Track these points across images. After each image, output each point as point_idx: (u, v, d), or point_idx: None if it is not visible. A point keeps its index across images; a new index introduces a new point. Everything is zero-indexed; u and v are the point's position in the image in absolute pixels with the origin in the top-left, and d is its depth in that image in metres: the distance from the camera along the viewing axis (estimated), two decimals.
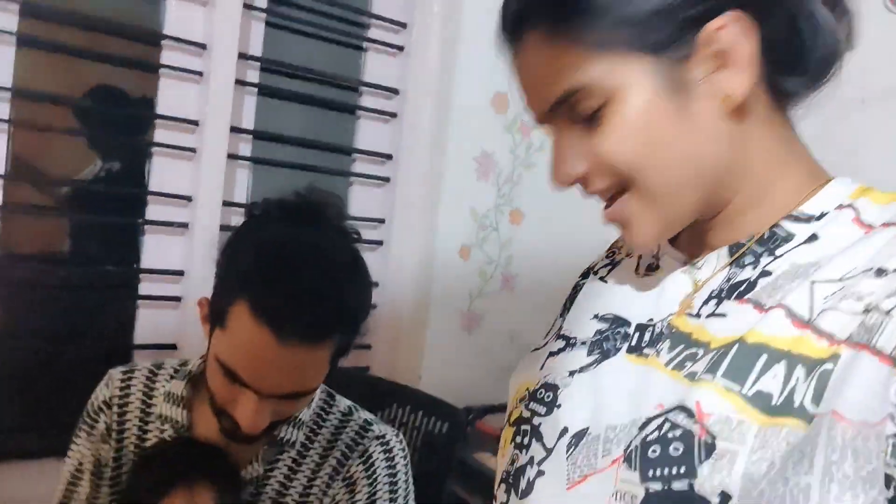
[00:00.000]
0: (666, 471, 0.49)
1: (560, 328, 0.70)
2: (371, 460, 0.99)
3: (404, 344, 1.81)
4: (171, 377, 1.02)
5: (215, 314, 0.90)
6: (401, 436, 1.05)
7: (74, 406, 1.59)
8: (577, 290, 0.74)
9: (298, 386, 0.88)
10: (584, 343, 0.64)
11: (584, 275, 0.75)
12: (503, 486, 0.65)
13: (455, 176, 1.81)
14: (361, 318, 0.92)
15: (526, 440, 0.63)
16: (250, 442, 0.93)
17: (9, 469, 1.46)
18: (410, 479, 1.04)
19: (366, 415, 1.05)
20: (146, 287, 1.59)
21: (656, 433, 0.51)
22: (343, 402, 1.06)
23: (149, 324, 1.59)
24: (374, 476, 0.98)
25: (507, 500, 0.63)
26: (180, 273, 1.60)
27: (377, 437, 1.01)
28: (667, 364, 0.55)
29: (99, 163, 1.60)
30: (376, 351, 1.78)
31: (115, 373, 1.03)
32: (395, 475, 1.00)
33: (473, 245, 1.88)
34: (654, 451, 0.51)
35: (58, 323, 1.58)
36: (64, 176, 1.59)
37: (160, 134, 1.55)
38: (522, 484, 0.61)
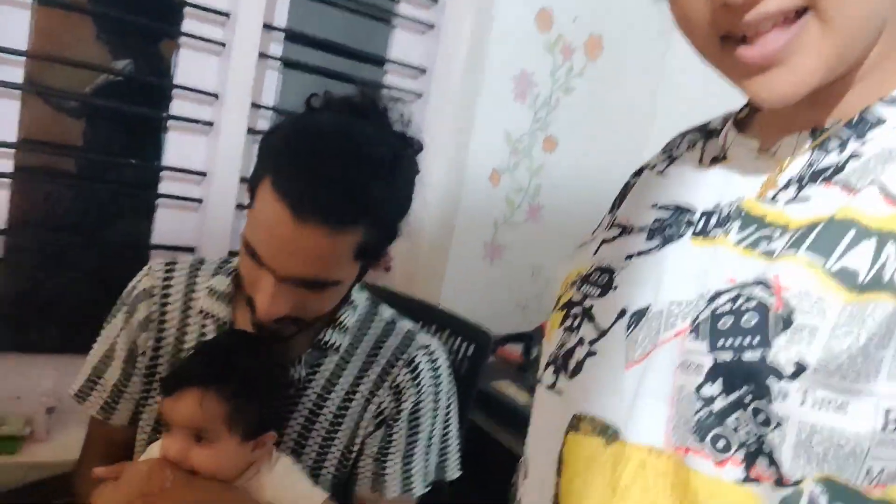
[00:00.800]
0: (737, 341, 0.49)
1: (612, 221, 0.69)
2: (418, 369, 0.99)
3: (424, 269, 1.76)
4: (215, 273, 1.00)
5: (250, 196, 0.88)
6: (443, 347, 1.04)
7: (87, 300, 1.58)
8: (628, 187, 0.73)
9: (314, 272, 0.84)
10: (642, 229, 0.63)
11: (637, 173, 0.74)
12: (550, 367, 0.64)
13: (491, 95, 1.73)
14: (390, 217, 0.89)
15: (576, 322, 0.62)
16: (277, 338, 0.91)
17: (26, 361, 1.44)
18: (454, 390, 1.04)
19: (409, 324, 1.04)
20: (167, 186, 1.53)
21: (728, 305, 0.51)
22: (387, 311, 1.05)
23: (168, 225, 1.54)
24: (420, 384, 0.98)
25: (556, 381, 0.63)
26: (202, 174, 1.54)
27: (422, 347, 1.01)
28: (737, 243, 0.54)
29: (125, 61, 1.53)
30: (394, 274, 1.74)
31: (157, 264, 1.01)
32: (438, 384, 1.00)
33: (504, 170, 1.81)
34: (724, 323, 0.50)
35: (73, 215, 1.53)
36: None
37: (189, 24, 1.47)
38: (571, 364, 0.61)
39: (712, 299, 0.52)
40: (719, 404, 0.50)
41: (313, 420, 0.98)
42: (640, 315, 0.57)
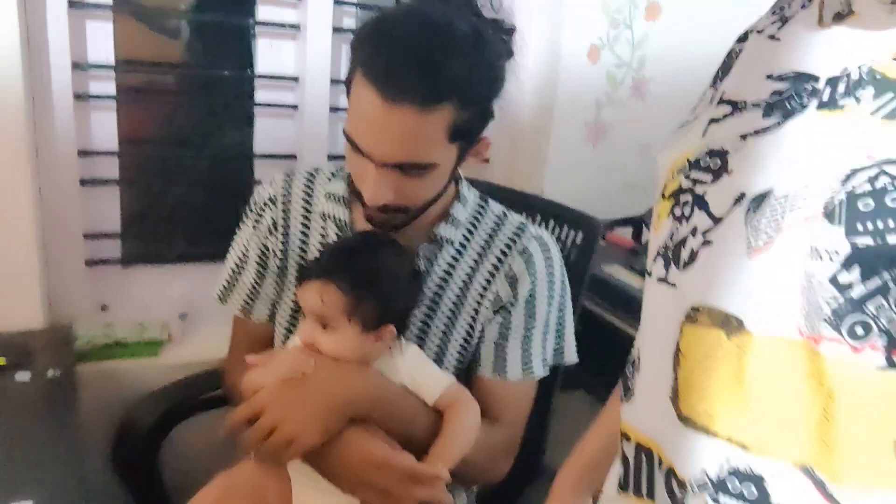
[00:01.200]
0: (880, 224, 0.45)
1: (718, 96, 0.62)
2: (531, 258, 1.02)
3: (525, 157, 1.71)
4: (330, 179, 1.08)
5: (346, 92, 0.91)
6: (552, 238, 1.07)
7: (202, 209, 1.65)
8: (732, 56, 0.66)
9: (408, 153, 0.87)
10: (756, 105, 0.57)
11: (742, 38, 0.66)
12: (660, 260, 0.61)
13: None
14: (479, 95, 0.89)
15: (687, 211, 0.58)
16: (388, 227, 0.97)
17: (156, 272, 1.54)
18: (566, 278, 1.07)
19: (519, 217, 1.08)
20: (262, 95, 1.54)
21: (867, 185, 0.46)
22: (497, 206, 1.09)
23: (267, 132, 1.56)
24: (534, 271, 1.02)
25: (667, 273, 0.60)
26: (295, 79, 1.53)
27: (534, 237, 1.04)
28: (873, 112, 0.49)
29: None
30: (494, 164, 1.70)
31: (277, 174, 1.09)
32: (552, 272, 1.04)
33: (603, 45, 1.69)
34: (865, 204, 0.46)
35: (177, 130, 1.58)
36: None
37: None
38: (684, 255, 0.57)
39: (847, 179, 0.47)
40: (857, 291, 0.46)
41: (433, 310, 1.03)
42: (760, 200, 0.52)
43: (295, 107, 1.55)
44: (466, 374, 1.05)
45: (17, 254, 1.24)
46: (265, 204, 1.08)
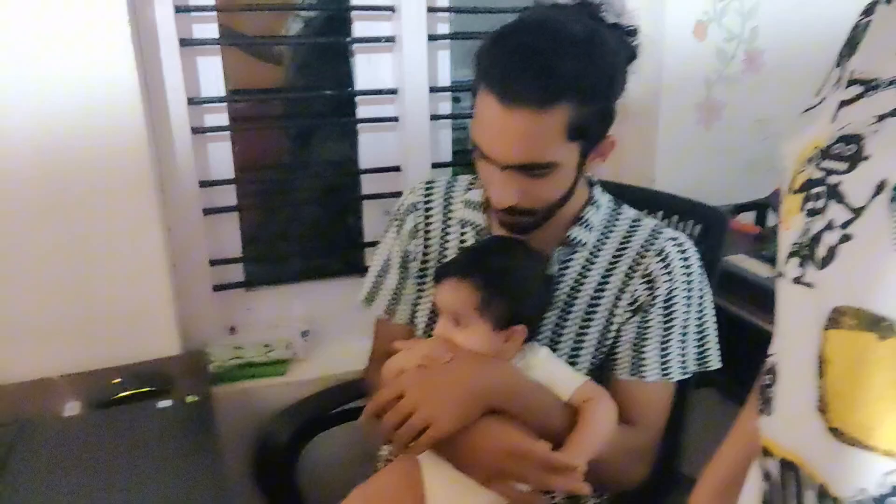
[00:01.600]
0: None
1: (847, 76, 0.58)
2: (668, 259, 1.01)
3: (633, 144, 1.64)
4: (468, 188, 1.13)
5: (473, 105, 0.96)
6: (689, 239, 1.05)
7: (315, 228, 1.70)
8: (858, 29, 0.61)
9: (528, 154, 0.89)
10: (892, 83, 0.52)
11: (868, 11, 0.61)
12: (794, 259, 0.57)
13: None
14: (595, 93, 0.90)
15: (820, 204, 0.54)
16: (519, 229, 1.00)
17: (278, 293, 1.60)
18: (706, 280, 1.05)
19: (654, 221, 1.08)
20: (364, 111, 1.56)
21: None
22: (630, 210, 1.09)
23: (371, 147, 1.58)
24: (671, 272, 1.00)
25: (803, 273, 0.56)
26: (394, 92, 1.54)
27: (671, 238, 1.03)
28: None
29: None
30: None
31: (418, 183, 1.17)
32: (690, 273, 1.02)
33: (710, 19, 1.60)
34: None
35: (287, 153, 1.63)
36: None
37: None
38: (821, 252, 0.53)
39: None
40: None
41: (567, 313, 1.04)
42: None
43: (396, 119, 1.56)
44: (602, 378, 1.03)
45: (150, 285, 1.32)
46: (407, 210, 1.14)
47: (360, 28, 1.51)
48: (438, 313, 1.00)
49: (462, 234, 1.11)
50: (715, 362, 1.05)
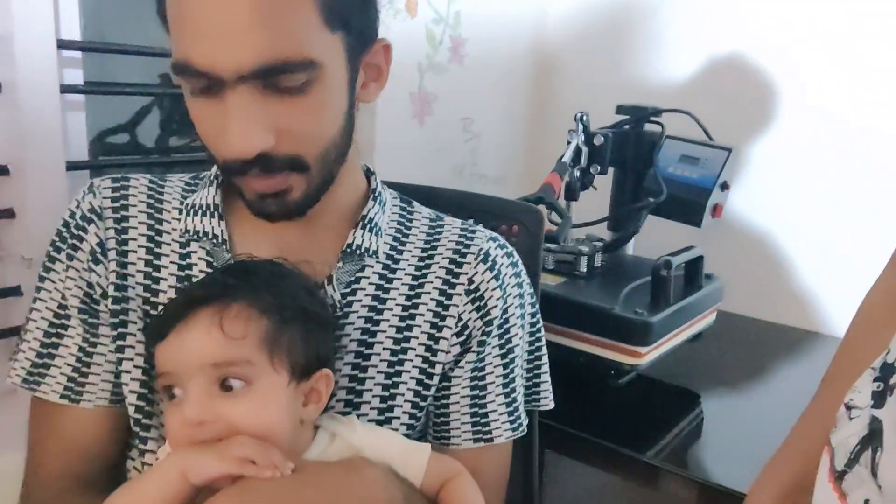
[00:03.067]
0: None
1: None
2: (496, 266, 0.75)
3: None
4: (189, 188, 0.76)
5: (161, 21, 0.64)
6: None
7: None
8: None
9: (271, 44, 0.58)
10: None
11: None
12: None
13: None
14: None
15: None
16: (287, 210, 0.67)
17: None
18: (533, 290, 0.82)
19: (455, 219, 0.81)
20: None
21: None
22: (423, 208, 0.82)
23: None
24: (503, 285, 0.75)
25: None
26: None
27: (491, 239, 0.78)
28: None
29: None
30: None
31: (101, 180, 0.74)
32: (521, 284, 0.78)
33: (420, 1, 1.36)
34: None
35: None
36: None
37: None
38: None
39: None
40: None
41: (366, 355, 0.72)
42: None
43: None
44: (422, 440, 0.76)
45: None
46: (84, 219, 0.71)
47: None
48: (174, 382, 0.60)
49: (184, 255, 0.72)
50: (548, 399, 0.83)
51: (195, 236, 0.72)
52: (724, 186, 1.32)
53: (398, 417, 0.72)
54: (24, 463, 0.70)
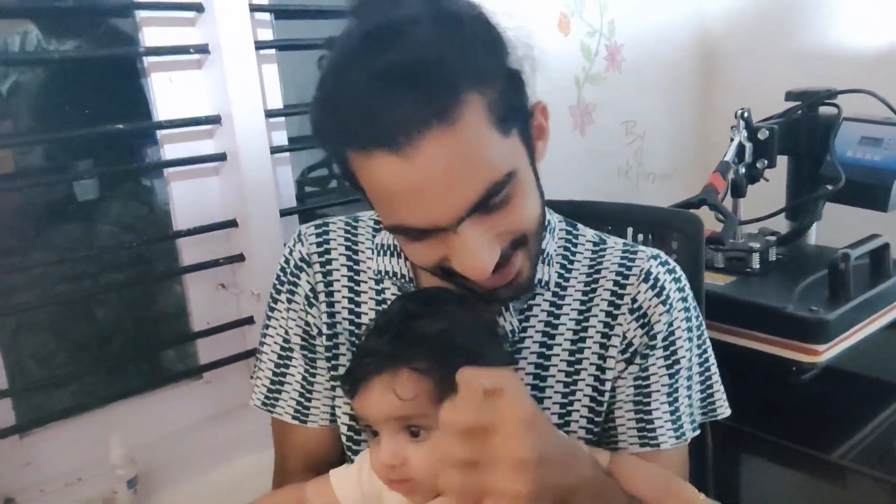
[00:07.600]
0: None
1: None
2: (658, 282, 0.78)
3: None
4: (375, 229, 0.84)
5: (352, 186, 0.70)
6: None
7: (112, 331, 1.23)
8: None
9: (474, 180, 0.63)
10: None
11: None
12: None
13: None
14: (484, 58, 0.64)
15: None
16: (512, 295, 0.73)
17: (52, 437, 1.07)
18: (698, 306, 0.84)
19: (620, 239, 0.85)
20: (171, 150, 1.12)
21: None
22: (587, 230, 0.85)
23: (185, 201, 1.14)
24: (668, 300, 0.78)
25: None
26: (216, 121, 1.13)
27: (653, 258, 0.80)
28: None
29: None
30: None
31: (306, 228, 0.85)
32: (686, 298, 0.80)
33: (573, 12, 1.41)
34: None
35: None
36: None
37: None
38: None
39: None
40: None
41: (543, 376, 0.79)
42: None
43: (223, 156, 1.14)
44: None
45: None
46: (297, 267, 0.83)
47: (151, 36, 1.08)
48: (372, 424, 0.70)
49: (379, 291, 0.82)
50: (723, 409, 0.85)
51: (386, 275, 0.81)
52: None
53: (575, 431, 0.79)
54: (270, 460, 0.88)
